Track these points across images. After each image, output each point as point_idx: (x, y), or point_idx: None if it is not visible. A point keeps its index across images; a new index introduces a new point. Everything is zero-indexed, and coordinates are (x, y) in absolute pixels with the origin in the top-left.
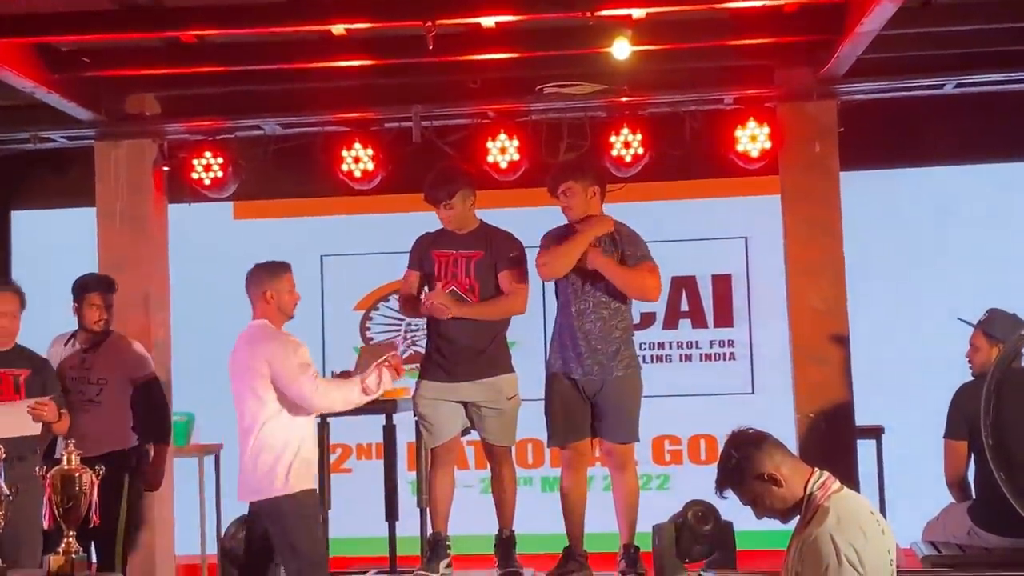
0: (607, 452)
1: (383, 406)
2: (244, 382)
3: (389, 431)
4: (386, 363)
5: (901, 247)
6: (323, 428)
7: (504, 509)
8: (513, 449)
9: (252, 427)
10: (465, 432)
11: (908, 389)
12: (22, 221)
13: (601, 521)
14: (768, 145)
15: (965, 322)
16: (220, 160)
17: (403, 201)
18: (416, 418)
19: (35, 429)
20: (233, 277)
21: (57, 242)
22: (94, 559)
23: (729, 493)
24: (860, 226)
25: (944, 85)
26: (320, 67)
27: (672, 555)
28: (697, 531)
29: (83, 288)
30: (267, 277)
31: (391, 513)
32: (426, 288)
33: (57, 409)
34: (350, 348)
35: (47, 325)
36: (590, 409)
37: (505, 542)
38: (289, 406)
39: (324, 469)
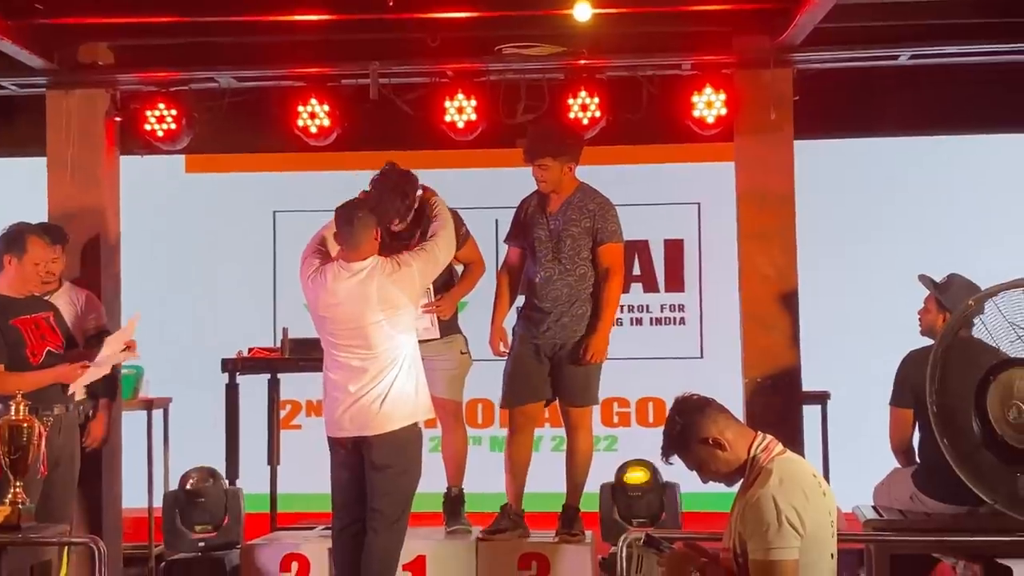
0: (563, 413)
1: None
2: None
3: None
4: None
5: (852, 215)
6: (273, 384)
7: (454, 466)
8: (463, 407)
9: None
10: None
11: (855, 356)
12: None
13: (547, 481)
14: (724, 112)
15: (926, 281)
16: (173, 112)
17: (359, 158)
18: None
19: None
20: (184, 231)
21: (5, 191)
22: None
23: (675, 458)
24: (812, 194)
25: (899, 56)
26: (278, 20)
27: (612, 515)
28: (631, 492)
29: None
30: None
31: None
32: None
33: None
34: (301, 305)
35: None
36: (548, 371)
37: (454, 500)
38: None
39: (274, 425)
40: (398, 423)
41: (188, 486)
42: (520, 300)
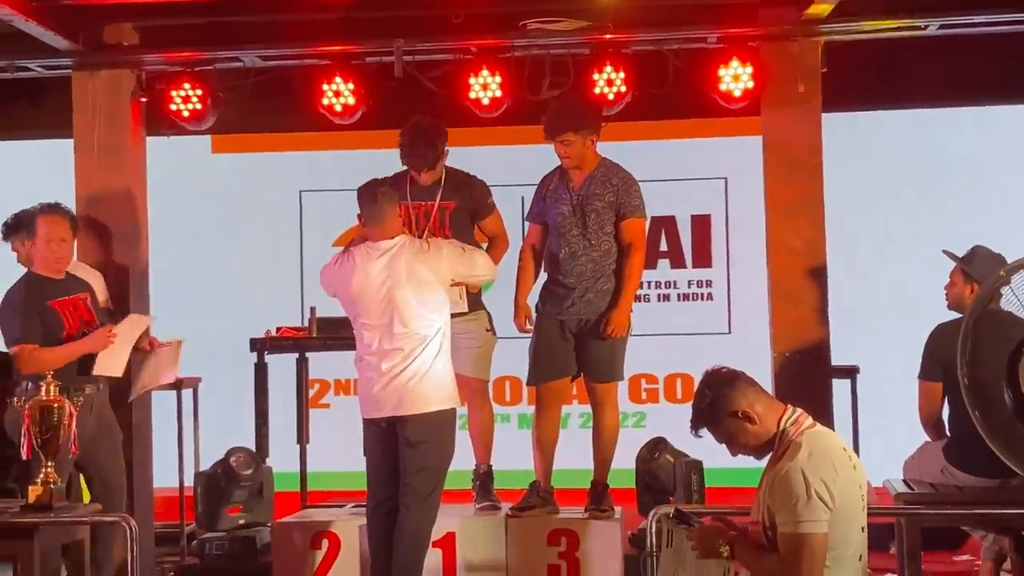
0: (589, 389)
1: None
2: None
3: None
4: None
5: (880, 188)
6: (302, 363)
7: (482, 444)
8: (490, 385)
9: None
10: None
11: (884, 329)
12: None
13: (576, 458)
14: (751, 85)
15: (950, 255)
16: (199, 92)
17: (383, 137)
18: None
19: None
20: (211, 211)
21: (33, 172)
22: None
23: (704, 432)
24: (840, 167)
25: (927, 26)
26: None
27: (647, 491)
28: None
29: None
30: None
31: None
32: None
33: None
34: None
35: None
36: (573, 347)
37: (483, 476)
38: None
39: (303, 404)
40: (435, 405)
41: (218, 465)
42: (542, 277)
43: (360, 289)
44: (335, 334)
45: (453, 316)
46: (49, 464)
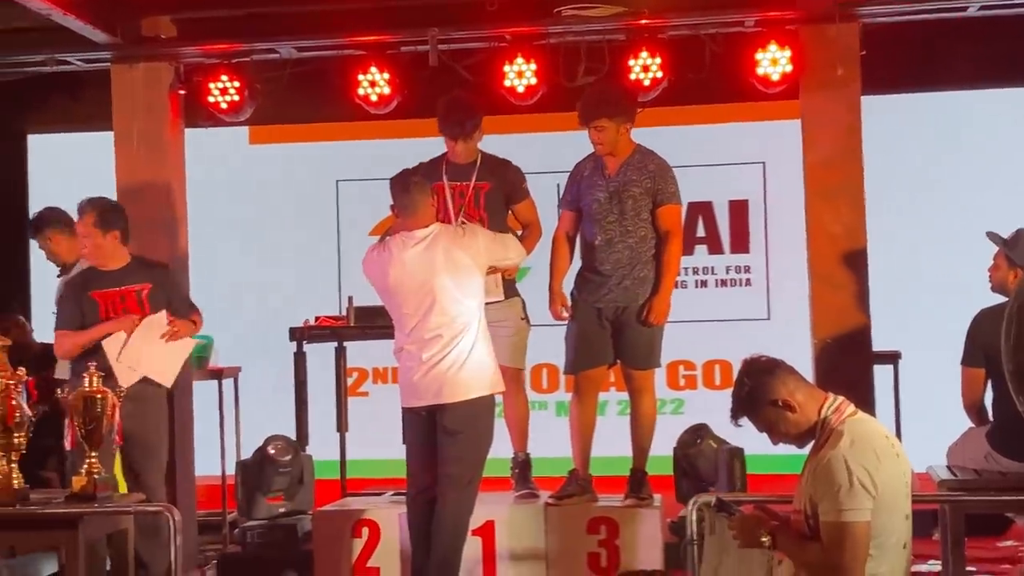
0: (627, 377)
1: None
2: None
3: None
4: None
5: (922, 171)
6: (340, 352)
7: (519, 432)
8: (528, 372)
9: None
10: None
11: (926, 314)
12: (39, 144)
13: (613, 445)
14: (789, 68)
15: (994, 238)
16: (236, 84)
17: (419, 126)
18: None
19: (184, 353)
20: (249, 202)
21: (74, 165)
22: None
23: (744, 420)
24: (881, 150)
25: (968, 7)
26: None
27: (683, 478)
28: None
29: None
30: None
31: None
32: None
33: (186, 319)
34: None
35: None
36: (611, 334)
37: (522, 464)
38: None
39: (342, 393)
40: (475, 392)
41: (259, 454)
42: (575, 264)
43: (397, 279)
44: (373, 323)
45: (488, 304)
46: (93, 455)
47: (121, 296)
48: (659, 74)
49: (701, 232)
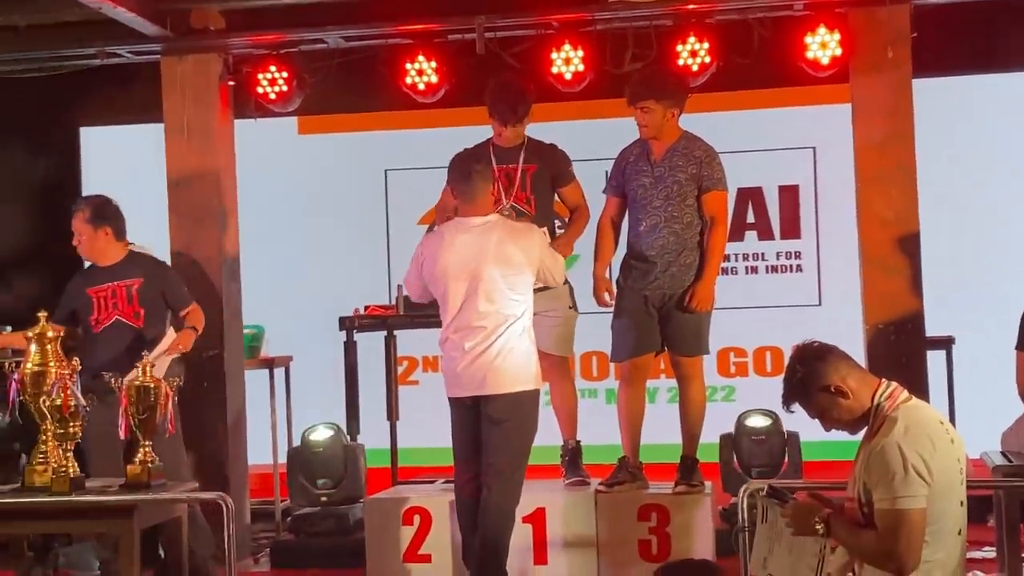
0: (674, 364)
1: None
2: None
3: None
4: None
5: (975, 155)
6: (390, 341)
7: (567, 419)
8: (577, 360)
9: None
10: None
11: (980, 299)
12: (91, 137)
13: (663, 432)
14: (839, 52)
15: None
16: (284, 74)
17: (467, 114)
18: None
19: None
20: (298, 191)
21: (126, 157)
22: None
23: (796, 407)
24: (933, 133)
25: None
26: None
27: (733, 465)
28: (754, 436)
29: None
30: None
31: None
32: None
33: (186, 330)
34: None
35: None
36: (657, 321)
37: (572, 452)
38: None
39: (392, 382)
40: (520, 385)
41: (310, 442)
42: (620, 250)
43: (446, 264)
44: (422, 312)
45: (537, 291)
46: (147, 444)
47: (112, 291)
48: (707, 59)
49: (751, 218)
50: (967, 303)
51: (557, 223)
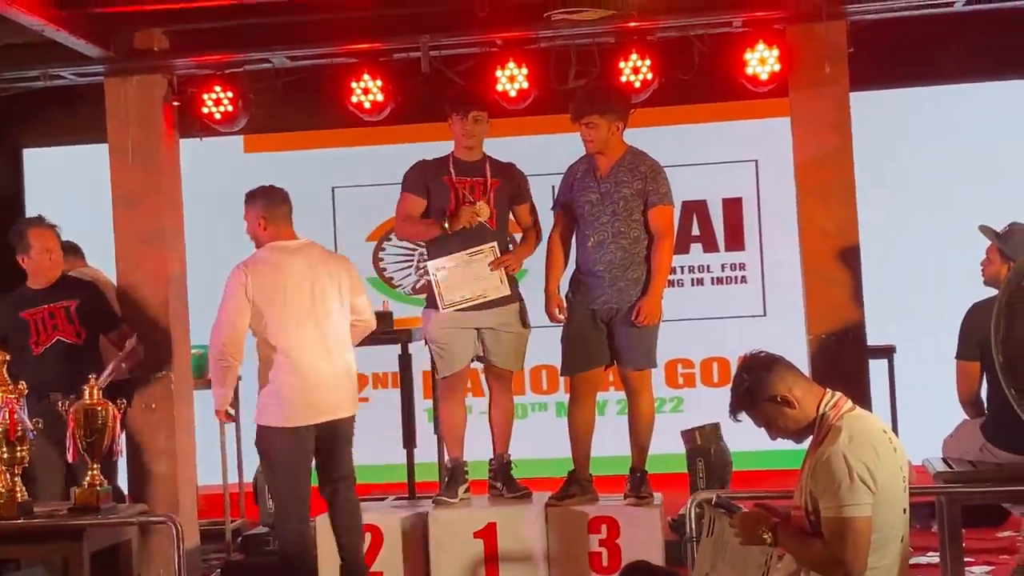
0: (623, 377)
1: (397, 335)
2: None
3: (405, 360)
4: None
5: (912, 167)
6: None
7: (504, 434)
8: (527, 374)
9: None
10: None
11: (919, 308)
12: (34, 158)
13: (613, 445)
14: (777, 67)
15: (986, 232)
16: (230, 94)
17: (413, 131)
18: (431, 346)
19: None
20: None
21: (69, 179)
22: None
23: (743, 416)
24: (871, 146)
25: (954, 3)
26: None
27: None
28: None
29: None
30: None
31: (409, 440)
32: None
33: (132, 345)
34: (363, 279)
35: None
36: (606, 336)
37: (506, 466)
38: None
39: None
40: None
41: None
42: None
43: (279, 284)
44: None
45: (493, 303)
46: (95, 466)
47: (49, 312)
48: (649, 76)
49: (696, 231)
50: (907, 312)
51: (516, 238)
